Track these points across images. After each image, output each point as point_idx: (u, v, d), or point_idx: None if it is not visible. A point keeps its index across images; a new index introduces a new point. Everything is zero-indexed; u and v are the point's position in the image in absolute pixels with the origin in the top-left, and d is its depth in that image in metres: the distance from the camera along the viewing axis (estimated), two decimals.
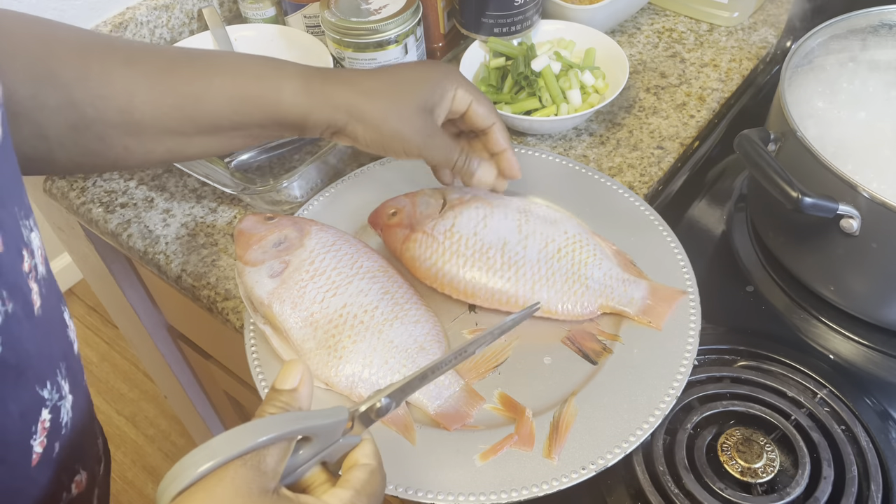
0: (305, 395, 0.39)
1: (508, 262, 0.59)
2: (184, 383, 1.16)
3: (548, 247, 0.60)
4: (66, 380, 0.42)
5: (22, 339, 0.36)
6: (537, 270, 0.59)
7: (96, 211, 0.74)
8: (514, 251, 0.59)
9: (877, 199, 0.52)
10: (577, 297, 0.58)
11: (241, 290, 0.58)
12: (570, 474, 0.49)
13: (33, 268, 0.38)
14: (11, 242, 0.36)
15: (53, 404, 0.40)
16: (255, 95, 0.54)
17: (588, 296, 0.58)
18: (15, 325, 0.35)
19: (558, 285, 0.58)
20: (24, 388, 0.37)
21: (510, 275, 0.58)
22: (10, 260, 0.35)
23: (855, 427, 0.54)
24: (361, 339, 0.55)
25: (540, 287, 0.58)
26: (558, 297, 0.58)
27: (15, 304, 0.35)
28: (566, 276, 0.58)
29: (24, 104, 0.49)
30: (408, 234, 0.61)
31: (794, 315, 0.63)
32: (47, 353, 0.40)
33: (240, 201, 0.74)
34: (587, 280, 0.58)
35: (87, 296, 2.16)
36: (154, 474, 1.80)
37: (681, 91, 0.82)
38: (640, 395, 0.53)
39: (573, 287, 0.58)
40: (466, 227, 0.60)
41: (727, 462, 0.52)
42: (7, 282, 0.35)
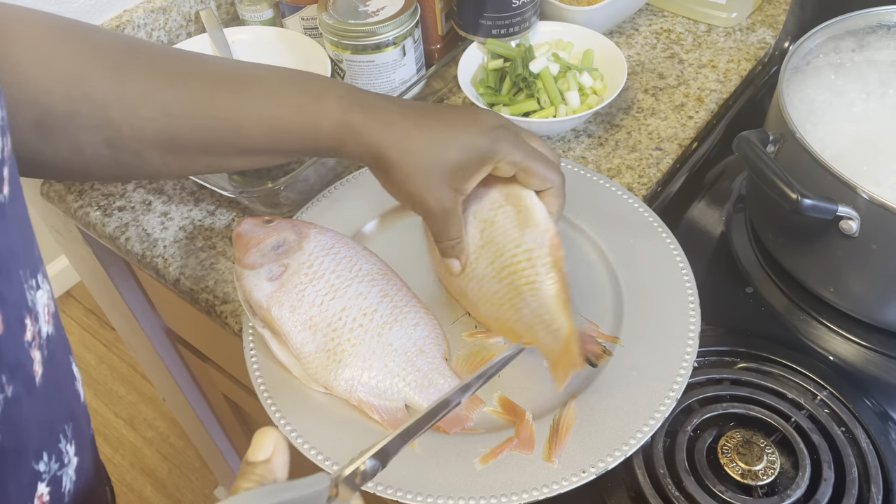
0: (280, 464, 0.37)
1: (468, 273, 0.59)
2: (182, 386, 1.16)
3: (495, 262, 0.57)
4: (73, 441, 0.40)
5: (22, 418, 0.35)
6: (482, 285, 0.57)
7: (94, 214, 0.74)
8: (471, 262, 0.59)
9: (876, 201, 0.52)
10: (508, 323, 0.56)
11: (240, 294, 0.58)
12: (570, 477, 0.49)
13: (36, 334, 0.37)
14: (13, 316, 0.34)
15: (52, 475, 0.38)
16: (294, 126, 0.53)
17: (517, 324, 0.55)
18: (14, 409, 0.34)
19: (495, 306, 0.57)
20: (21, 468, 0.36)
21: (462, 285, 0.59)
22: (11, 336, 0.34)
23: (855, 429, 0.54)
24: (361, 342, 0.55)
25: (482, 303, 0.58)
26: (493, 316, 0.57)
27: (15, 385, 0.34)
28: (502, 300, 0.56)
29: (61, 122, 0.48)
30: None
31: (794, 316, 0.63)
32: (49, 421, 0.38)
33: (238, 204, 0.73)
34: (521, 310, 0.55)
35: (84, 298, 2.15)
36: (152, 477, 1.79)
37: (679, 92, 0.82)
38: (641, 398, 0.53)
39: (507, 312, 0.56)
40: None
41: (728, 464, 0.52)
42: (7, 364, 0.33)
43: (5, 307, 0.34)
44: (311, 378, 0.55)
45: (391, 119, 0.52)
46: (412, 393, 0.54)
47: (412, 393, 0.54)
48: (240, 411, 1.08)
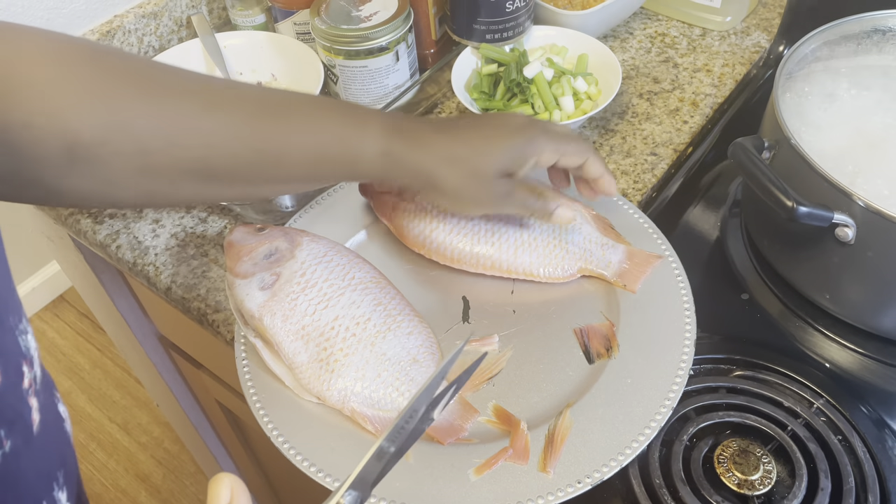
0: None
1: (492, 229, 0.61)
2: (176, 392, 1.15)
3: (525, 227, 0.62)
4: (64, 488, 0.39)
5: (20, 471, 0.34)
6: (519, 236, 0.61)
7: (84, 222, 0.73)
8: (497, 217, 0.62)
9: (872, 208, 0.52)
10: (557, 261, 0.61)
11: (231, 303, 0.57)
12: (565, 488, 0.49)
13: (33, 380, 0.36)
14: (10, 366, 0.34)
15: None
16: (334, 156, 0.52)
17: (568, 259, 0.61)
18: (13, 463, 0.33)
19: (539, 249, 0.61)
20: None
21: (494, 240, 0.61)
22: (10, 388, 0.33)
23: (852, 437, 0.54)
24: (354, 351, 0.54)
25: (522, 252, 0.61)
26: (539, 260, 0.61)
27: (14, 438, 0.33)
28: (547, 241, 0.61)
29: (93, 150, 0.46)
30: (396, 202, 0.64)
31: (790, 323, 0.63)
32: (45, 469, 0.37)
33: (230, 211, 0.73)
34: (567, 244, 0.61)
35: (78, 302, 2.14)
36: (147, 482, 1.78)
37: (674, 96, 0.82)
38: (636, 407, 0.52)
39: (553, 251, 0.61)
40: None
41: (724, 474, 0.52)
42: (6, 418, 0.33)
43: (3, 358, 0.33)
44: (304, 388, 0.54)
45: (430, 140, 0.53)
46: (406, 403, 0.53)
47: (406, 403, 0.53)
48: (234, 417, 1.08)
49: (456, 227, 0.62)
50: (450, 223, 0.62)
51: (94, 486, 1.78)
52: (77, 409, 1.92)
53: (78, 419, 1.90)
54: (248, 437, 1.13)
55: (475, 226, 0.61)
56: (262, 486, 1.30)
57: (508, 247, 0.61)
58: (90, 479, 1.79)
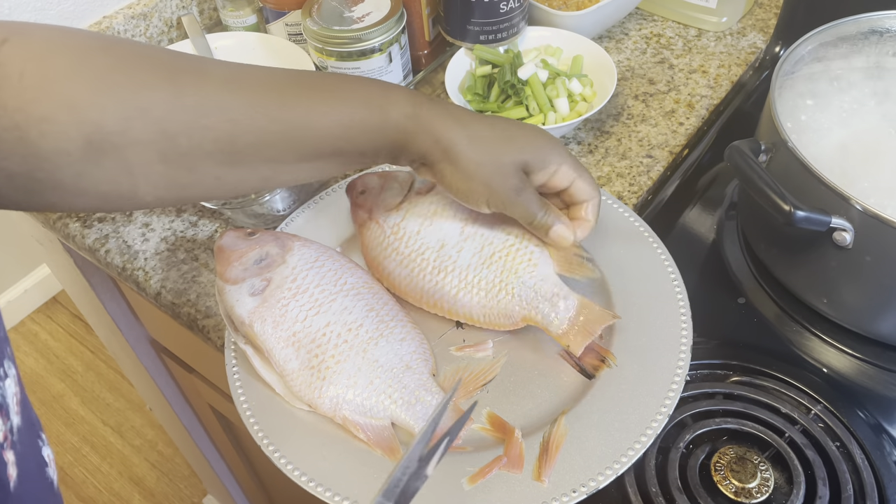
0: None
1: (439, 266, 0.58)
2: (168, 396, 1.14)
3: (483, 250, 0.58)
4: None
5: None
6: (464, 277, 0.57)
7: (73, 226, 0.72)
8: (447, 255, 0.58)
9: (870, 212, 0.51)
10: (500, 308, 0.56)
11: (221, 309, 0.57)
12: (560, 497, 0.48)
13: (8, 432, 0.34)
14: None
15: None
16: (362, 120, 0.50)
17: (512, 305, 0.56)
18: None
19: (482, 293, 0.57)
20: None
21: (438, 279, 0.58)
22: None
23: (850, 443, 0.53)
24: (345, 358, 0.53)
25: (463, 294, 0.57)
26: (480, 305, 0.57)
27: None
28: (493, 282, 0.57)
29: (113, 140, 0.45)
30: (365, 218, 0.62)
31: (787, 328, 0.62)
32: None
33: (220, 215, 0.72)
34: (515, 287, 0.56)
35: (71, 304, 2.13)
36: (140, 485, 1.77)
37: (669, 98, 0.81)
38: (632, 414, 0.52)
39: (498, 295, 0.57)
40: (413, 224, 0.60)
41: (721, 482, 0.51)
42: None
43: None
44: (295, 396, 0.53)
45: (461, 116, 0.52)
46: (399, 410, 0.52)
47: (399, 410, 0.52)
48: (226, 421, 1.07)
49: (406, 258, 0.59)
50: (402, 253, 0.59)
51: (88, 489, 1.77)
52: (70, 411, 1.91)
53: (71, 422, 1.89)
54: (240, 441, 1.13)
55: (424, 260, 0.58)
56: (254, 488, 1.30)
57: (451, 287, 0.57)
58: (83, 482, 1.78)
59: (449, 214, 0.60)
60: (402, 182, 0.63)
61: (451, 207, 0.60)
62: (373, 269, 0.61)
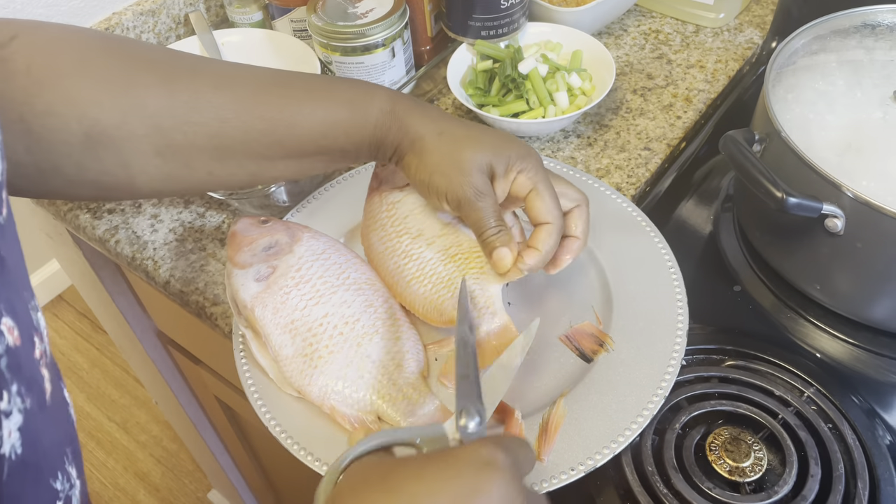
0: None
1: (407, 252, 0.59)
2: (174, 389, 1.15)
3: (449, 249, 0.59)
4: (73, 465, 0.40)
5: (38, 433, 0.35)
6: (422, 268, 0.58)
7: (83, 217, 0.74)
8: (418, 244, 0.59)
9: (861, 199, 0.53)
10: (437, 303, 0.57)
11: (228, 292, 0.58)
12: (559, 475, 0.49)
13: (43, 353, 0.37)
14: (25, 332, 0.35)
15: (66, 494, 0.38)
16: (345, 119, 0.53)
17: (448, 304, 0.57)
18: (32, 422, 0.34)
19: (429, 286, 0.58)
20: (41, 485, 0.36)
21: (401, 263, 0.59)
22: (26, 351, 0.34)
23: (842, 425, 0.54)
24: (339, 350, 0.54)
25: (415, 283, 0.58)
26: (422, 297, 0.58)
27: (31, 398, 0.34)
28: (440, 280, 0.58)
29: (110, 132, 0.48)
30: (374, 187, 0.64)
31: (781, 314, 0.64)
32: (57, 441, 0.38)
33: (228, 206, 0.73)
34: (456, 289, 0.57)
35: (76, 301, 2.15)
36: (146, 480, 1.79)
37: (667, 92, 0.83)
38: (629, 396, 0.53)
39: (440, 292, 0.57)
40: (405, 208, 0.61)
41: (715, 461, 0.52)
42: (25, 377, 0.34)
43: (19, 321, 0.34)
44: (287, 382, 0.54)
45: (431, 112, 0.54)
46: (385, 406, 0.53)
47: (385, 406, 0.53)
48: (232, 413, 1.08)
49: (385, 237, 0.60)
50: (384, 231, 0.60)
51: (94, 484, 1.78)
52: (76, 408, 1.93)
53: (77, 418, 1.90)
54: (247, 435, 1.14)
55: (399, 244, 0.59)
56: (261, 484, 1.31)
57: (408, 274, 0.58)
58: (90, 477, 1.80)
59: (431, 215, 0.61)
60: None
61: None
62: (362, 236, 0.63)
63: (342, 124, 0.53)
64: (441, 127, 0.53)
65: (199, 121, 0.50)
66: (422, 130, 0.53)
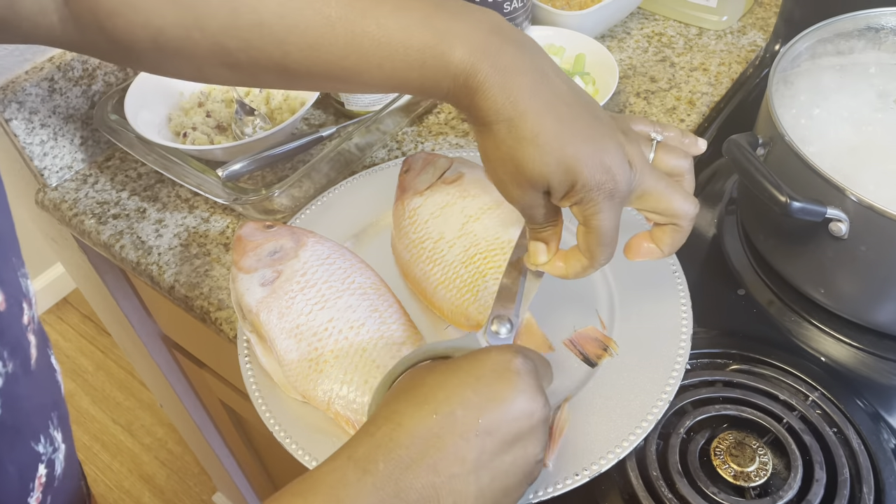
0: None
1: (431, 257, 0.60)
2: (179, 392, 1.16)
3: (468, 250, 0.59)
4: (59, 429, 0.41)
5: (20, 397, 0.36)
6: (447, 272, 0.59)
7: (88, 222, 0.74)
8: (440, 248, 0.60)
9: (865, 203, 0.53)
10: (463, 307, 0.58)
11: (233, 296, 0.58)
12: (563, 480, 0.49)
13: (31, 319, 0.38)
14: (13, 297, 0.35)
15: (48, 458, 0.39)
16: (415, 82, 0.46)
17: (472, 308, 0.57)
18: (14, 385, 0.35)
19: (454, 291, 0.58)
20: (21, 446, 0.37)
21: (427, 269, 0.60)
22: (12, 316, 0.35)
23: (847, 429, 0.54)
24: (344, 355, 0.55)
25: (442, 288, 0.59)
26: (450, 302, 0.58)
27: (15, 362, 0.35)
28: (464, 284, 0.58)
29: (175, 43, 0.47)
30: (399, 196, 0.65)
31: (785, 318, 0.64)
32: (40, 405, 0.39)
33: (233, 211, 0.74)
34: (478, 292, 0.57)
35: (81, 304, 2.15)
36: (151, 483, 1.79)
37: (671, 95, 0.83)
38: (633, 400, 0.53)
39: (465, 296, 0.58)
40: (426, 212, 0.62)
41: (720, 466, 0.52)
42: (9, 341, 0.34)
43: (5, 287, 0.35)
44: (291, 386, 0.54)
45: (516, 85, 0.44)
46: None
47: None
48: (237, 417, 1.08)
49: (410, 244, 0.61)
50: (408, 237, 0.61)
51: (99, 486, 1.79)
52: (81, 410, 1.93)
53: (82, 421, 1.91)
54: (251, 438, 1.14)
55: (422, 248, 0.60)
56: (265, 487, 1.31)
57: (434, 280, 0.59)
58: (94, 480, 1.80)
59: (457, 209, 0.61)
60: (437, 168, 0.65)
61: (461, 202, 0.61)
62: (392, 247, 0.64)
63: (411, 86, 0.46)
64: (519, 110, 0.43)
65: (262, 47, 0.47)
66: (491, 116, 0.43)
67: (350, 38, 0.45)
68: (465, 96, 0.44)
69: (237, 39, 0.47)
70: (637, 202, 0.47)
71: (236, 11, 0.46)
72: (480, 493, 0.39)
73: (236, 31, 0.47)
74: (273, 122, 0.78)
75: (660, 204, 0.47)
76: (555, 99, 0.44)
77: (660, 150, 0.49)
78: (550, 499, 0.49)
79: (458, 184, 0.63)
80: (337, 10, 0.45)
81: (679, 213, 0.47)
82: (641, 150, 0.46)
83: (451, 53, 0.44)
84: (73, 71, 0.75)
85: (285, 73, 0.48)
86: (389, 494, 0.37)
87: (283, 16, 0.46)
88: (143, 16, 0.46)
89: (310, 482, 0.38)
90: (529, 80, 0.43)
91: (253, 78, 0.50)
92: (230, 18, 0.46)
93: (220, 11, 0.46)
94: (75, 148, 0.79)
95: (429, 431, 0.38)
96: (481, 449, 0.39)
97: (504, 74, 0.43)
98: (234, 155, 0.72)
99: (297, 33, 0.46)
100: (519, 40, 0.45)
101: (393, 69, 0.46)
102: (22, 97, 0.72)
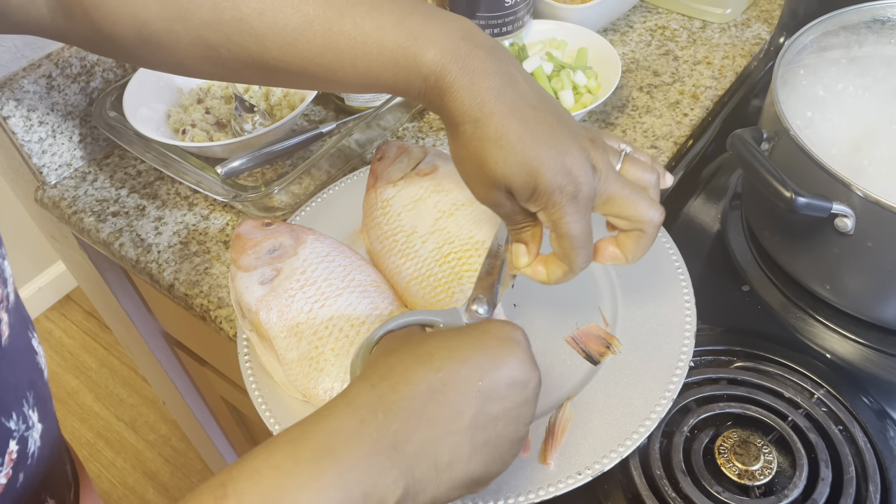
0: None
1: (403, 251, 0.59)
2: (181, 389, 1.16)
3: (442, 247, 0.58)
4: (35, 409, 0.41)
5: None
6: (419, 268, 0.58)
7: (88, 220, 0.74)
8: (413, 242, 0.59)
9: (871, 198, 0.52)
10: (436, 307, 0.57)
11: (232, 295, 0.58)
12: (566, 479, 0.49)
13: (5, 297, 0.38)
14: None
15: (20, 435, 0.40)
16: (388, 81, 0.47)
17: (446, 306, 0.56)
18: None
19: (428, 289, 0.58)
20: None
21: (399, 263, 0.59)
22: None
23: (853, 427, 0.54)
24: (345, 353, 0.54)
25: (414, 284, 0.58)
26: (422, 299, 0.58)
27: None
28: (438, 283, 0.57)
29: (159, 37, 0.48)
30: (371, 184, 0.64)
31: (790, 314, 0.63)
32: (13, 383, 0.39)
33: (232, 208, 0.73)
34: (453, 293, 0.56)
35: (84, 301, 2.15)
36: (154, 479, 1.79)
37: (674, 89, 0.82)
38: (637, 398, 0.53)
39: (438, 295, 0.57)
40: (399, 203, 0.61)
41: (724, 465, 0.52)
42: None
43: None
44: (292, 385, 0.54)
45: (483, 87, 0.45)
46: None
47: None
48: (238, 414, 1.08)
49: (381, 236, 0.60)
50: (379, 229, 0.60)
51: (102, 483, 1.79)
52: (84, 407, 1.93)
53: (85, 417, 1.91)
54: (253, 435, 1.14)
55: (394, 241, 0.60)
56: None
57: (407, 275, 0.58)
58: (98, 477, 1.80)
59: (430, 203, 0.60)
60: (412, 158, 0.64)
61: (435, 196, 0.61)
62: (362, 234, 0.63)
63: (384, 85, 0.47)
64: (485, 111, 0.44)
65: (242, 43, 0.48)
66: (458, 116, 0.45)
67: (327, 37, 0.47)
68: (435, 97, 0.46)
69: (218, 34, 0.48)
70: (602, 207, 0.47)
71: (218, 7, 0.47)
72: (474, 452, 0.40)
73: (217, 25, 0.48)
74: (272, 118, 0.78)
75: (625, 209, 0.47)
76: (521, 102, 0.45)
77: (627, 162, 0.49)
78: (553, 498, 0.48)
79: (432, 177, 0.62)
80: (315, 8, 0.46)
81: (644, 219, 0.47)
82: (608, 158, 0.47)
83: (422, 55, 0.45)
84: (71, 68, 0.75)
85: (263, 69, 0.49)
86: (386, 446, 0.37)
87: (262, 12, 0.47)
88: (130, 8, 0.47)
89: (304, 429, 0.38)
90: (497, 83, 0.44)
91: (233, 73, 0.51)
92: (212, 14, 0.47)
93: (203, 6, 0.47)
94: (74, 145, 0.78)
95: (430, 387, 0.39)
96: (479, 409, 0.40)
97: (472, 77, 0.44)
98: (234, 152, 0.72)
99: (275, 30, 0.47)
100: (489, 46, 0.46)
101: (367, 68, 0.47)
102: (20, 94, 0.72)
